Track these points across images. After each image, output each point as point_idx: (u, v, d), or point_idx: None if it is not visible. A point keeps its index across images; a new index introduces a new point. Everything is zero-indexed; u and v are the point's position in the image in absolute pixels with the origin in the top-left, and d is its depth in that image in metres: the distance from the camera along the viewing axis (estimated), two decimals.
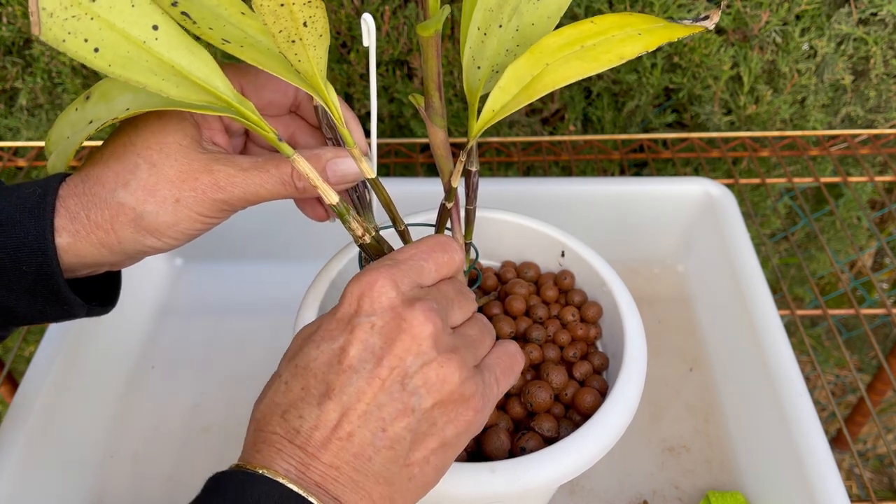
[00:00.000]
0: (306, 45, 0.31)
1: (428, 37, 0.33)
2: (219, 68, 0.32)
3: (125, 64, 0.29)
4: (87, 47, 0.28)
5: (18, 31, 0.80)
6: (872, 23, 0.76)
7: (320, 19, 0.30)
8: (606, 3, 0.76)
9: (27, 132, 0.89)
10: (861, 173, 0.89)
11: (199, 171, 0.36)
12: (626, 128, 0.88)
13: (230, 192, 0.36)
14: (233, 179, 0.36)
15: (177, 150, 0.36)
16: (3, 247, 0.34)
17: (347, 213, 0.36)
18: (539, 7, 0.36)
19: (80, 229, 0.35)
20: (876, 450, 1.23)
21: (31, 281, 0.35)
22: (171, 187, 0.36)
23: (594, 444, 0.39)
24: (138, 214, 0.35)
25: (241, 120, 0.33)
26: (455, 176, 0.38)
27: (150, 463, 0.57)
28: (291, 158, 0.34)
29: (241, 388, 0.63)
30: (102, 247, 0.36)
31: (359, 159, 0.36)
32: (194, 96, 0.31)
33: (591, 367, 0.46)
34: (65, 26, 0.27)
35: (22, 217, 0.35)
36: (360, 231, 0.37)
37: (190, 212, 0.36)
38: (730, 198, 0.66)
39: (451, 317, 0.35)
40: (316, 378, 0.32)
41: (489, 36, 0.36)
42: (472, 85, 0.36)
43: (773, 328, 0.54)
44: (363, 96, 0.85)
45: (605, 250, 0.51)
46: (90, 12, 0.28)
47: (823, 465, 0.46)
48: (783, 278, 1.09)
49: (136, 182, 0.35)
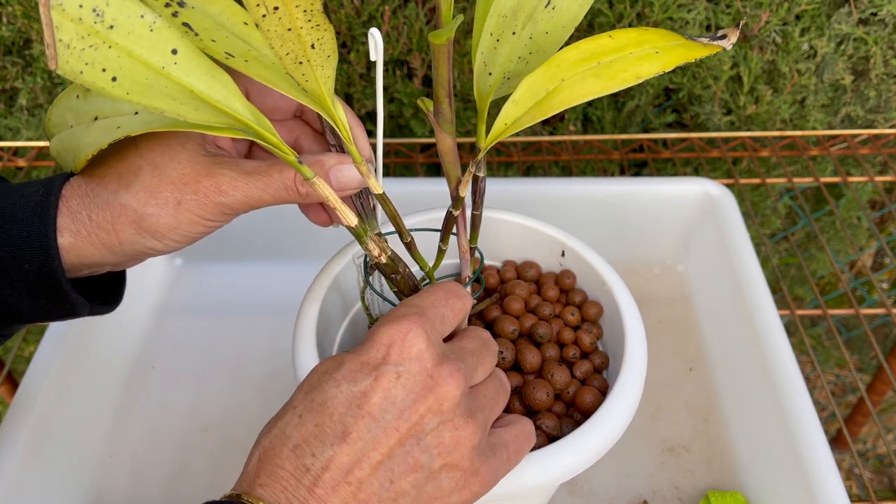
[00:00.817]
0: (314, 66, 0.30)
1: (440, 45, 0.33)
2: (238, 90, 0.32)
3: (143, 91, 0.29)
4: (105, 77, 0.28)
5: (18, 31, 0.80)
6: (872, 23, 0.76)
7: (328, 41, 0.30)
8: (606, 3, 0.76)
9: (27, 132, 0.89)
10: (861, 173, 0.89)
11: (201, 175, 0.36)
12: (626, 128, 0.88)
13: (232, 196, 0.36)
14: (235, 183, 0.36)
15: (180, 152, 0.36)
16: (6, 244, 0.35)
17: (365, 234, 0.36)
18: (554, 16, 0.35)
19: (82, 229, 0.35)
20: (876, 450, 1.23)
21: (33, 279, 0.35)
22: (173, 189, 0.35)
23: (595, 442, 0.39)
24: (139, 216, 0.35)
25: (260, 141, 0.32)
26: (464, 186, 0.38)
27: (149, 463, 0.57)
28: (311, 182, 0.34)
29: (241, 389, 0.63)
30: (103, 247, 0.36)
31: (367, 176, 0.36)
32: (213, 119, 0.31)
33: (592, 367, 0.46)
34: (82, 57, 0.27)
35: (25, 215, 0.35)
36: (376, 252, 0.37)
37: (191, 215, 0.36)
38: (730, 198, 0.66)
39: (474, 376, 0.35)
40: (332, 418, 0.31)
41: (502, 42, 0.35)
42: (483, 91, 0.36)
43: (773, 328, 0.54)
44: (363, 96, 0.85)
45: (605, 250, 0.51)
46: (108, 41, 0.27)
47: (823, 465, 0.46)
48: (783, 278, 1.09)
49: (139, 184, 0.35)
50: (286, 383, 0.44)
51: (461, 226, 0.41)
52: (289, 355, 0.43)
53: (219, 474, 0.55)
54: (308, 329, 0.43)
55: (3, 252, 0.35)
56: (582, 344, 0.47)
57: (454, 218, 0.40)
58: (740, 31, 0.34)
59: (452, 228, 0.41)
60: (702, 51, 0.33)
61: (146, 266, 0.70)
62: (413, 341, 0.32)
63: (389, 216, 0.38)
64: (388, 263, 0.38)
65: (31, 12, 0.78)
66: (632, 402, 0.41)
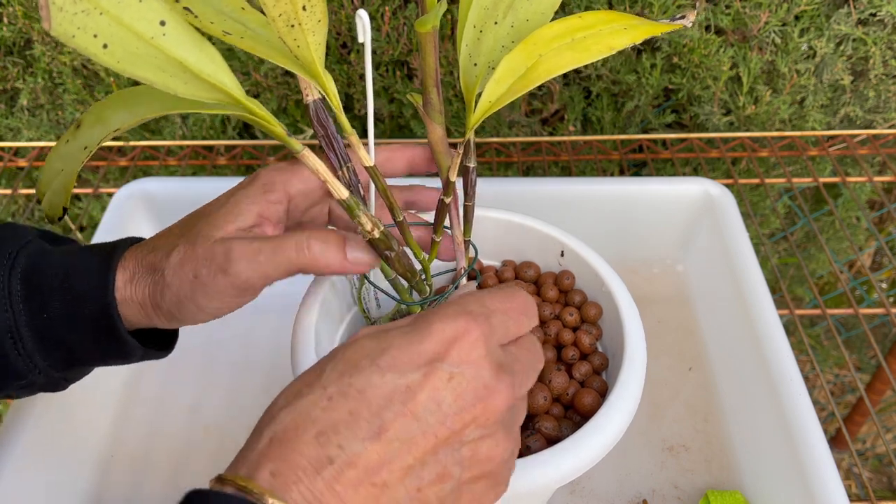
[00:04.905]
0: (305, 30, 0.31)
1: (425, 32, 0.33)
2: (225, 64, 0.32)
3: (133, 60, 0.29)
4: (97, 43, 0.28)
5: (19, 32, 0.81)
6: (871, 23, 0.76)
7: (318, 4, 0.31)
8: (606, 4, 0.76)
9: (28, 132, 0.89)
10: (860, 173, 0.89)
11: (226, 249, 0.37)
12: (626, 128, 0.88)
13: (238, 265, 0.37)
14: (244, 250, 0.37)
15: (215, 232, 0.38)
16: (72, 290, 0.38)
17: (357, 207, 0.36)
18: (533, 3, 0.36)
19: (130, 292, 0.39)
20: (875, 449, 1.24)
21: (92, 323, 0.38)
22: (195, 264, 0.37)
23: (594, 445, 0.39)
24: (166, 285, 0.38)
25: (248, 116, 0.33)
26: (453, 170, 0.38)
27: (149, 463, 0.57)
28: (301, 154, 0.35)
29: (242, 388, 0.63)
30: (141, 310, 0.39)
31: (357, 146, 0.36)
32: (202, 93, 0.31)
33: (591, 368, 0.46)
34: (74, 21, 0.27)
35: (90, 265, 0.39)
36: (369, 226, 0.37)
37: (204, 288, 0.38)
38: (729, 198, 0.66)
39: (521, 391, 0.33)
40: (370, 409, 0.28)
41: (485, 33, 0.36)
42: (469, 82, 0.36)
43: (772, 328, 0.55)
44: (363, 96, 0.85)
45: (604, 250, 0.51)
46: (99, 7, 0.28)
47: (822, 465, 0.46)
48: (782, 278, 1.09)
49: (174, 256, 0.38)
50: (286, 383, 0.44)
51: (454, 217, 0.41)
52: (289, 355, 0.43)
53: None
54: (308, 329, 0.43)
55: (70, 298, 0.38)
56: (581, 345, 0.47)
57: (446, 206, 0.40)
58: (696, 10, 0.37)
59: (445, 219, 0.41)
60: (665, 28, 0.35)
61: None
62: (475, 345, 0.30)
63: (380, 191, 0.38)
64: (381, 239, 0.37)
65: (31, 13, 0.78)
66: (631, 405, 0.41)
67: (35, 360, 0.39)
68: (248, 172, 0.93)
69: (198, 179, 0.71)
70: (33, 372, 0.39)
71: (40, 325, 0.38)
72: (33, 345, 0.38)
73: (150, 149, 0.86)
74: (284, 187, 0.40)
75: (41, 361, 0.39)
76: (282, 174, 0.40)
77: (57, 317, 0.38)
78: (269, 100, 0.85)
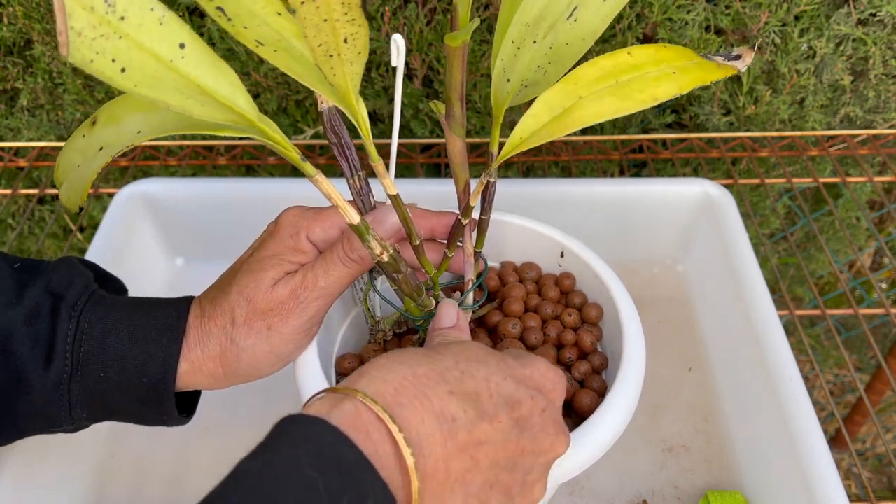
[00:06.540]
0: (343, 60, 0.31)
1: (455, 47, 0.33)
2: (242, 87, 0.32)
3: (152, 84, 0.29)
4: (115, 67, 0.28)
5: (19, 32, 0.81)
6: (871, 23, 0.76)
7: (361, 37, 0.30)
8: None
9: (28, 132, 0.89)
10: (860, 173, 0.89)
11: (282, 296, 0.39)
12: (626, 128, 0.88)
13: (304, 297, 0.39)
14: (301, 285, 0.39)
15: (266, 281, 0.40)
16: (134, 359, 0.39)
17: (367, 232, 0.37)
18: (575, 28, 0.35)
19: (195, 360, 0.40)
20: (875, 449, 1.24)
21: (146, 392, 0.39)
22: (263, 317, 0.39)
23: (592, 444, 0.39)
24: (240, 349, 0.39)
25: (264, 140, 0.33)
26: (475, 195, 0.38)
27: (150, 463, 0.57)
28: (314, 178, 0.35)
29: (242, 388, 0.63)
30: (210, 376, 0.41)
31: (383, 175, 0.36)
32: (218, 115, 0.31)
33: (591, 368, 0.46)
34: (93, 46, 0.27)
35: (156, 336, 0.39)
36: (378, 249, 0.37)
37: (279, 335, 0.40)
38: (729, 198, 0.66)
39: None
40: (490, 398, 0.32)
41: (522, 50, 0.35)
42: (500, 98, 0.36)
43: (772, 328, 0.55)
44: (363, 96, 0.85)
45: (604, 251, 0.51)
46: (119, 31, 0.28)
47: (822, 465, 0.46)
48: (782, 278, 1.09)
49: (239, 319, 0.39)
50: (286, 383, 0.44)
51: (467, 232, 0.42)
52: None
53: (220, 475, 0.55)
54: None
55: (130, 366, 0.39)
56: (582, 344, 0.47)
57: (462, 227, 0.40)
58: (754, 50, 0.35)
59: (459, 237, 0.41)
60: (717, 73, 0.34)
61: (147, 266, 0.70)
62: (562, 393, 0.36)
63: (401, 218, 0.39)
64: (391, 262, 0.38)
65: (31, 13, 0.78)
66: (629, 404, 0.41)
67: (75, 414, 0.39)
68: (249, 173, 0.93)
69: (198, 180, 0.71)
70: (67, 422, 0.40)
71: (93, 385, 0.39)
72: (80, 400, 0.39)
73: (150, 149, 0.86)
74: (307, 234, 0.42)
75: (80, 414, 0.40)
76: (303, 220, 0.42)
77: (112, 380, 0.39)
78: (269, 100, 0.85)
